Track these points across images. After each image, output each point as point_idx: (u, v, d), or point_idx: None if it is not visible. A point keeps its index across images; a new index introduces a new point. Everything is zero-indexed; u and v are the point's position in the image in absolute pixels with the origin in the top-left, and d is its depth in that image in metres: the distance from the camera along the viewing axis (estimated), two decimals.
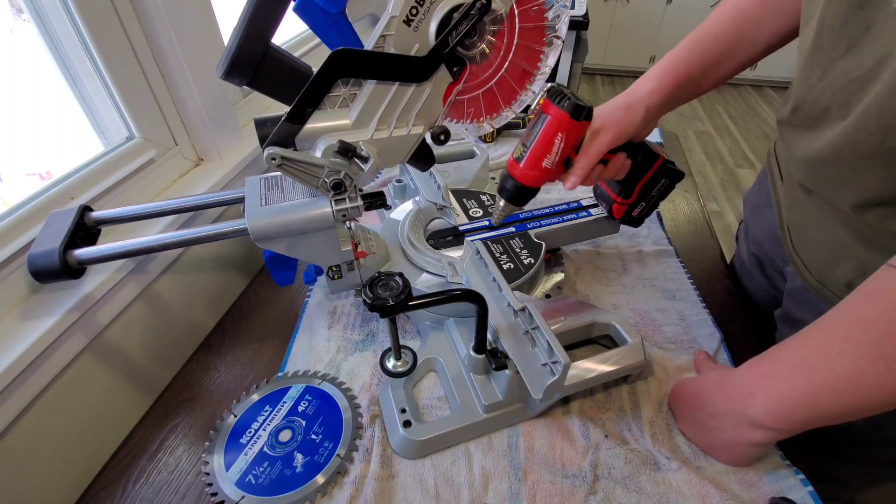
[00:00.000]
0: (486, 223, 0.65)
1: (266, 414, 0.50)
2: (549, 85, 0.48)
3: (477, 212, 0.67)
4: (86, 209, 0.52)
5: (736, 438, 0.43)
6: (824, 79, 0.44)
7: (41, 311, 0.49)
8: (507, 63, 0.45)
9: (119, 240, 0.49)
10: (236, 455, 0.47)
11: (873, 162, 0.41)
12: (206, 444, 0.48)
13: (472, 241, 0.59)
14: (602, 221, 0.67)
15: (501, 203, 0.54)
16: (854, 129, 0.41)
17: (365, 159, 0.44)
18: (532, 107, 0.49)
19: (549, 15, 0.44)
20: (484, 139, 1.01)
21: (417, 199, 0.69)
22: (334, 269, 0.54)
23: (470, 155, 0.83)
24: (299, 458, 0.47)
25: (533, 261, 0.59)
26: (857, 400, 0.34)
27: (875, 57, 0.38)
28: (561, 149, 0.48)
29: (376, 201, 0.53)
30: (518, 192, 0.52)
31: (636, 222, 0.65)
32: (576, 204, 0.68)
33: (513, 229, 0.64)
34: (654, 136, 1.04)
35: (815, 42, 0.44)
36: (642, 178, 0.59)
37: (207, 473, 0.45)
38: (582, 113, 0.46)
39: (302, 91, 0.41)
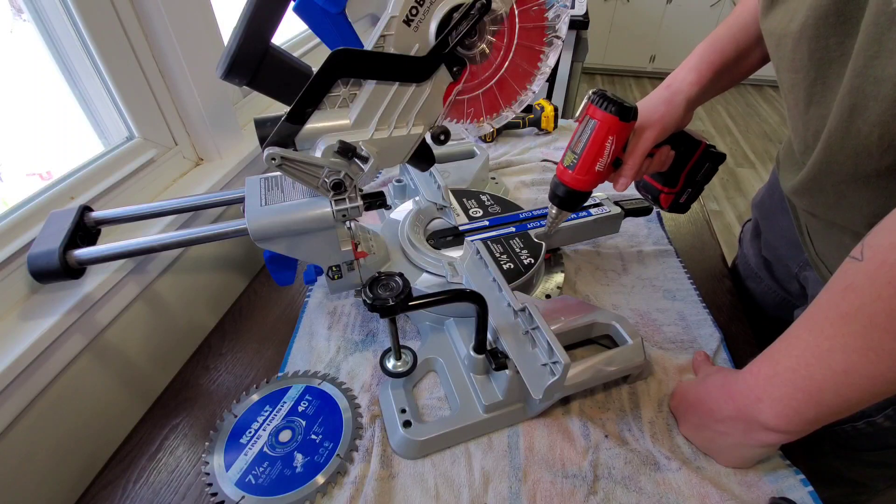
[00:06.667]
0: (486, 223, 0.65)
1: (266, 414, 0.50)
2: (590, 91, 0.50)
3: (477, 212, 0.67)
4: (86, 209, 0.52)
5: (746, 442, 0.43)
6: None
7: (41, 311, 0.49)
8: (507, 63, 0.45)
9: (119, 240, 0.49)
10: (236, 455, 0.47)
11: (854, 185, 0.41)
12: (206, 444, 0.48)
13: (472, 241, 0.59)
14: (602, 221, 0.67)
15: (555, 210, 0.57)
16: (825, 159, 0.41)
17: (365, 159, 0.44)
18: (576, 115, 0.51)
19: (549, 15, 0.44)
20: (484, 139, 1.01)
21: (417, 199, 0.69)
22: (334, 269, 0.54)
23: (470, 155, 0.83)
24: (299, 458, 0.47)
25: (533, 261, 0.59)
26: (857, 392, 0.34)
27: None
28: (612, 151, 0.49)
29: (376, 201, 0.53)
30: (571, 197, 0.54)
31: (683, 209, 0.65)
32: None
33: (513, 229, 0.64)
34: None
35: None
36: (686, 166, 0.60)
37: (207, 473, 0.45)
38: (630, 114, 0.47)
39: (302, 91, 0.41)
